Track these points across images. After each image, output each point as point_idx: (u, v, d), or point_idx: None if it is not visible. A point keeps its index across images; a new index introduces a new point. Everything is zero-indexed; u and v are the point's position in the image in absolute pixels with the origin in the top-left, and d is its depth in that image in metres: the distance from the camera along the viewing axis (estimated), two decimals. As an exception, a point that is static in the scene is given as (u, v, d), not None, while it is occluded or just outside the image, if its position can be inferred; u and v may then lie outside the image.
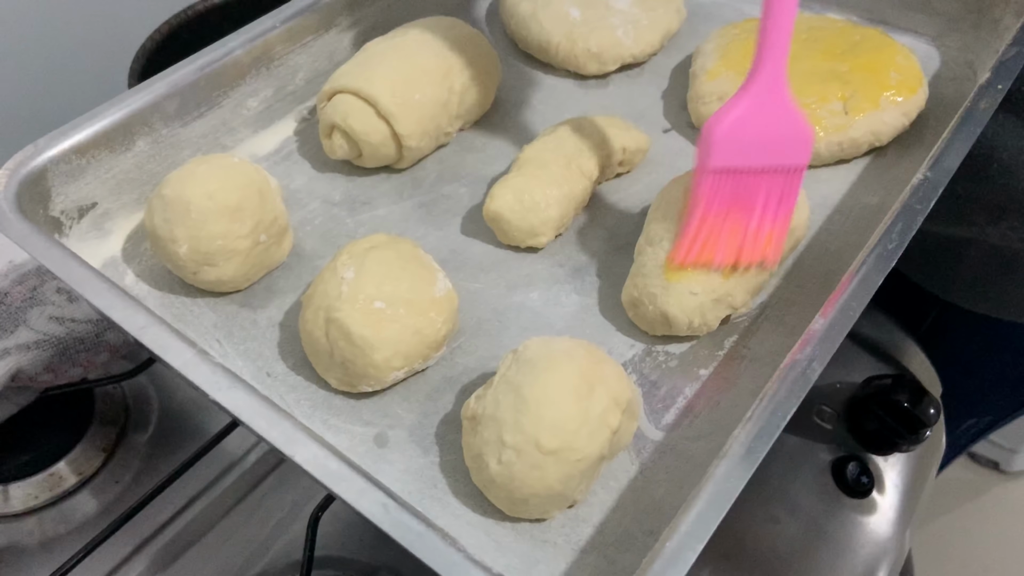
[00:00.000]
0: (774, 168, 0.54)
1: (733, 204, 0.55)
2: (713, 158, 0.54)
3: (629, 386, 0.51)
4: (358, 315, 0.53)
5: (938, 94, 0.73)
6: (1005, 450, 1.86)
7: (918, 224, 0.54)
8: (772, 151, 0.54)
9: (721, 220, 0.55)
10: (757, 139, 0.53)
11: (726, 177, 0.54)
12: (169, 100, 0.64)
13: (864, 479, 0.80)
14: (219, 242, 0.57)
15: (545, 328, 0.60)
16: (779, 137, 0.53)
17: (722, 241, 0.55)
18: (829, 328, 0.48)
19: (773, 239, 0.56)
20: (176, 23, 0.95)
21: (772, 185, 0.55)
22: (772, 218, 0.55)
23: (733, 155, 0.54)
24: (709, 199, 0.55)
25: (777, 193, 0.55)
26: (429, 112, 0.67)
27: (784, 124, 0.53)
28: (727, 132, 0.53)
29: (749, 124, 0.53)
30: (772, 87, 0.52)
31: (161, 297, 0.61)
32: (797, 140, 0.53)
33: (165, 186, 0.58)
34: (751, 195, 0.55)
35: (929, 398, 0.81)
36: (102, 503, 0.77)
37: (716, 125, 0.53)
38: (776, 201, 0.55)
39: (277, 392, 0.56)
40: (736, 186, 0.55)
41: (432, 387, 0.56)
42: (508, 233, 0.63)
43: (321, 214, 0.67)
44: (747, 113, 0.53)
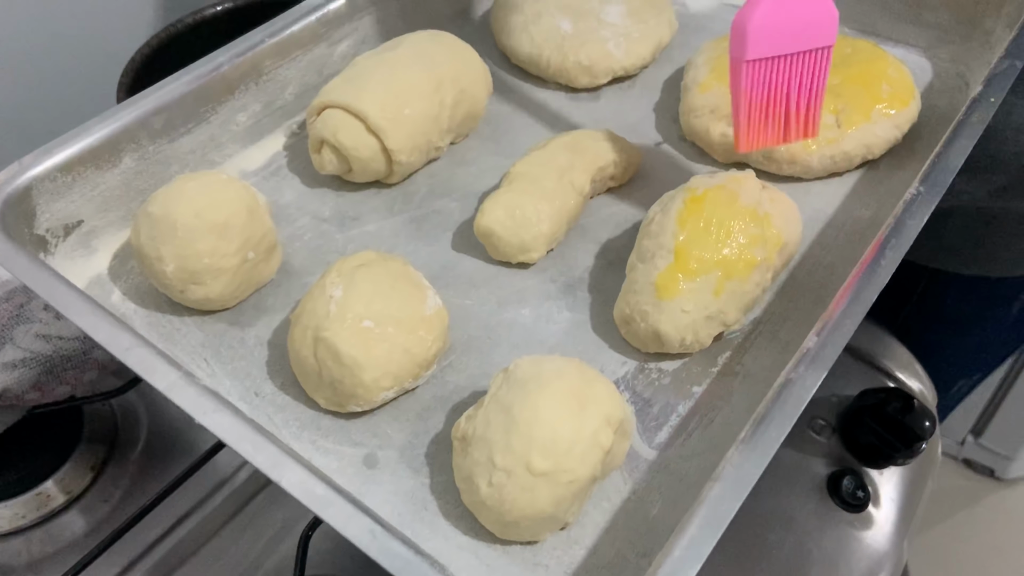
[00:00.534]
0: (805, 52, 0.57)
1: (772, 88, 0.58)
2: (748, 50, 0.56)
3: (622, 405, 0.50)
4: (346, 334, 0.52)
5: (930, 106, 0.73)
6: (1001, 457, 1.86)
7: (911, 239, 0.53)
8: (801, 36, 0.57)
9: (764, 104, 0.59)
10: (787, 26, 0.56)
11: (762, 66, 0.58)
12: (156, 116, 0.63)
13: (860, 493, 0.80)
14: (206, 260, 0.57)
15: (537, 345, 0.59)
16: (806, 22, 0.56)
17: (769, 123, 0.60)
18: (823, 346, 0.48)
19: (813, 115, 0.60)
20: (166, 36, 0.94)
21: (805, 68, 0.58)
22: (808, 96, 0.59)
23: (766, 45, 0.57)
24: (749, 89, 0.58)
25: (810, 73, 0.58)
26: (419, 127, 0.67)
27: (809, 8, 0.56)
28: (759, 23, 0.56)
29: (778, 12, 0.56)
30: None
31: (148, 316, 0.60)
32: (822, 22, 0.57)
33: (151, 204, 0.58)
34: (787, 79, 0.58)
35: (924, 411, 0.81)
36: (91, 522, 0.76)
37: (748, 17, 0.56)
38: (810, 79, 0.59)
39: (265, 412, 0.55)
40: (773, 73, 0.58)
41: (422, 406, 0.56)
42: (499, 249, 0.63)
43: (310, 230, 0.67)
44: (774, 7, 0.56)
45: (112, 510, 0.78)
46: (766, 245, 0.57)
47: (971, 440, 1.81)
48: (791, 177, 0.69)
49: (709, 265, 0.56)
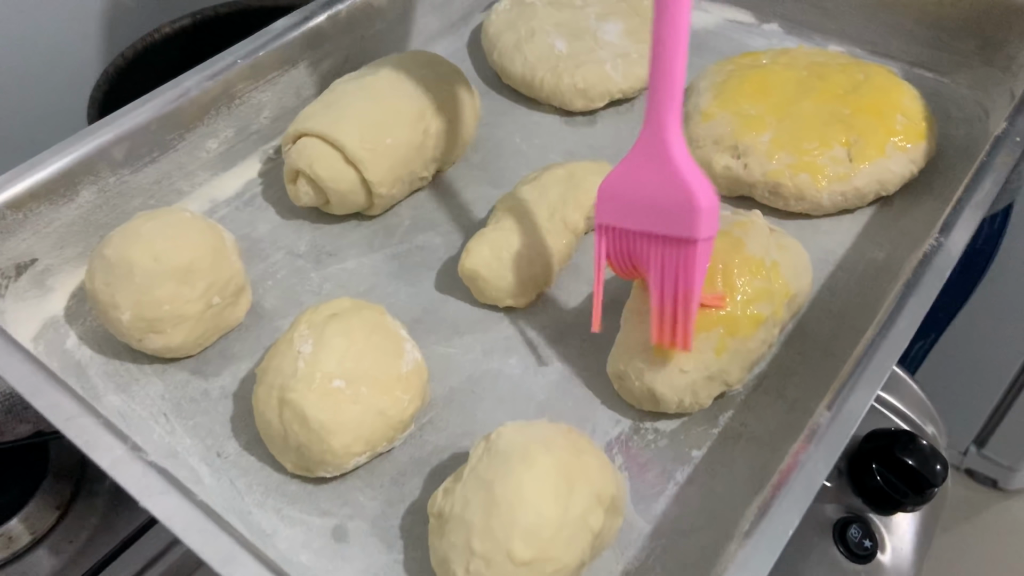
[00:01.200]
0: (662, 236, 0.48)
1: (630, 271, 0.52)
2: (596, 213, 0.51)
3: (614, 479, 0.46)
4: (314, 397, 0.48)
5: (947, 135, 0.69)
6: (1004, 468, 1.83)
7: (932, 299, 0.49)
8: (655, 215, 0.48)
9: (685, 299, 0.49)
10: (638, 199, 0.48)
11: (615, 239, 0.50)
12: (116, 146, 0.59)
13: (867, 543, 0.75)
14: (166, 307, 0.52)
15: (524, 401, 0.55)
16: (662, 199, 0.47)
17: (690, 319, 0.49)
18: (835, 423, 0.43)
19: (679, 322, 0.49)
20: (141, 47, 0.89)
21: (665, 257, 0.48)
22: (672, 296, 0.49)
23: (614, 213, 0.49)
24: (599, 261, 0.51)
25: (672, 268, 0.48)
26: (402, 157, 0.62)
27: (667, 185, 0.47)
28: (608, 186, 0.50)
29: (631, 180, 0.48)
30: (654, 141, 0.47)
31: (105, 363, 0.56)
32: (682, 206, 0.46)
33: (107, 245, 0.53)
34: (643, 263, 0.50)
35: (936, 455, 0.76)
36: (57, 564, 0.72)
37: (602, 182, 0.50)
38: (673, 277, 0.48)
39: (227, 476, 0.51)
40: (628, 251, 0.50)
41: (398, 470, 0.51)
42: (485, 292, 0.59)
43: (284, 267, 0.62)
44: (630, 168, 0.48)
45: (79, 552, 0.74)
46: (774, 299, 0.53)
47: (974, 451, 1.78)
48: (799, 214, 0.64)
49: (711, 321, 0.51)
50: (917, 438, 0.77)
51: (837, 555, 0.74)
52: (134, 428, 0.52)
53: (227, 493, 0.50)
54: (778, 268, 0.54)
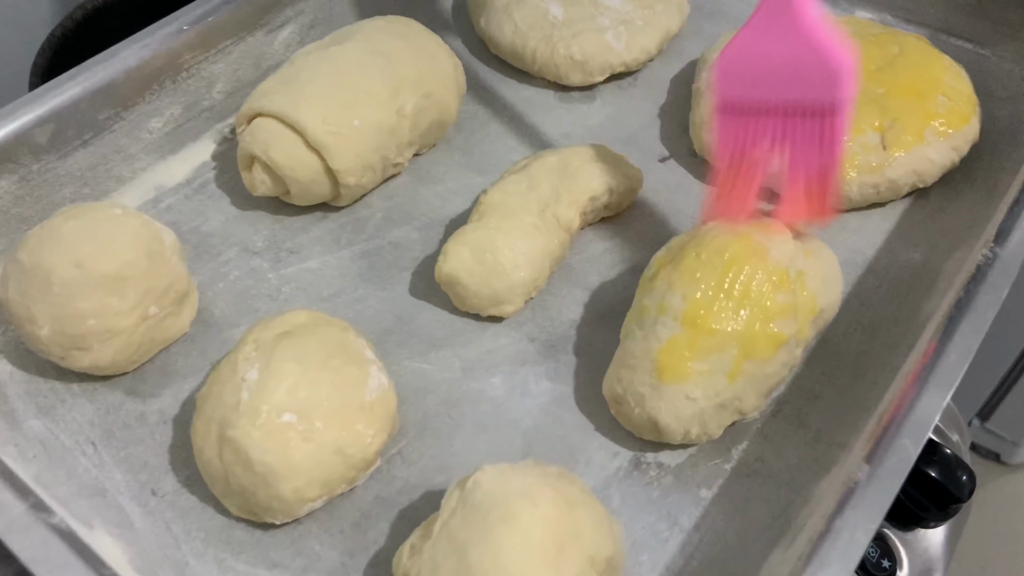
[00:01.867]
0: (799, 103, 0.44)
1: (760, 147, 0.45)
2: (718, 93, 0.45)
3: (611, 535, 0.39)
4: (259, 435, 0.40)
5: (990, 117, 0.61)
6: (1006, 442, 1.79)
7: (989, 321, 0.42)
8: (791, 82, 0.44)
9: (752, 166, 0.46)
10: (771, 67, 0.44)
11: (742, 115, 0.45)
12: (40, 128, 0.51)
13: (885, 563, 0.69)
14: (91, 322, 0.45)
15: (507, 428, 0.48)
16: (796, 66, 0.43)
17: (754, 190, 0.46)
18: (876, 479, 0.36)
19: (819, 193, 0.45)
20: (92, 7, 0.80)
21: (800, 128, 0.44)
22: (817, 162, 0.45)
23: (741, 87, 0.44)
24: (724, 142, 0.46)
25: (810, 139, 0.44)
26: (372, 142, 0.55)
27: (800, 46, 0.43)
28: (729, 57, 0.45)
29: (758, 49, 0.44)
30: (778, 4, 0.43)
31: (27, 381, 0.49)
32: (822, 67, 0.43)
33: (21, 248, 0.46)
34: (778, 135, 0.45)
35: (963, 467, 0.70)
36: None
37: (720, 55, 0.45)
38: (813, 149, 0.44)
39: (162, 518, 0.44)
40: (752, 131, 0.45)
41: (361, 512, 0.44)
42: (466, 300, 0.51)
43: (238, 266, 0.55)
44: (754, 36, 0.44)
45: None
46: (798, 315, 0.45)
47: (977, 424, 1.74)
48: (824, 208, 0.57)
49: (725, 340, 0.44)
50: (941, 447, 0.70)
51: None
52: (56, 460, 0.45)
53: (161, 539, 0.43)
54: (804, 279, 0.46)
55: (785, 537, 0.43)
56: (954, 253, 0.53)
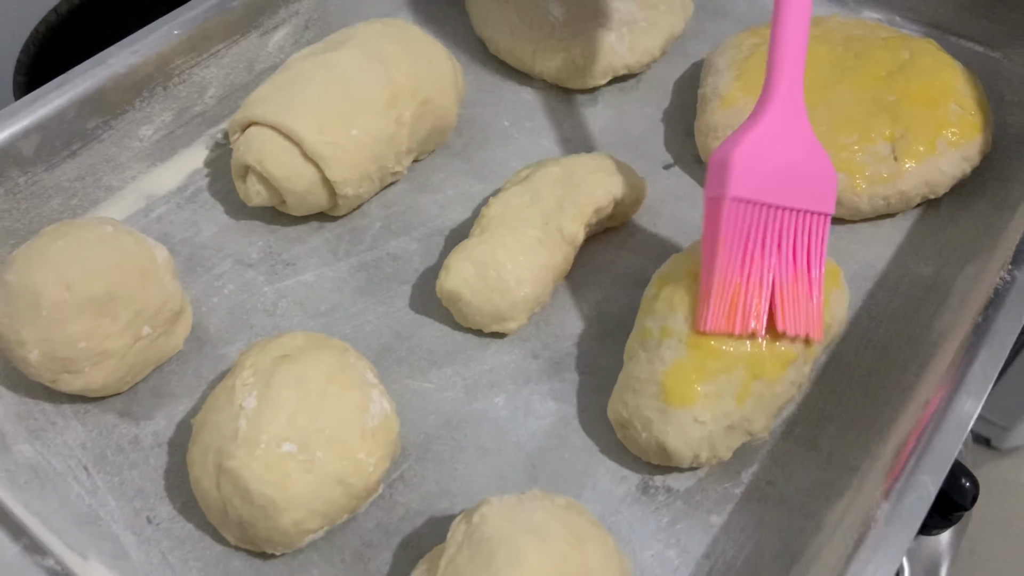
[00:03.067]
0: (797, 210, 0.44)
1: (755, 252, 0.43)
2: (732, 185, 0.43)
3: (620, 570, 0.38)
4: (258, 466, 0.39)
5: (1001, 123, 0.60)
6: (997, 427, 1.79)
7: (1008, 347, 0.41)
8: (794, 189, 0.44)
9: (744, 271, 0.43)
10: (777, 170, 0.43)
11: (744, 213, 0.43)
12: (24, 140, 0.49)
13: (887, 572, 0.69)
14: (82, 345, 0.44)
15: (511, 449, 0.47)
16: (800, 172, 0.44)
17: (750, 300, 0.43)
18: (896, 517, 0.35)
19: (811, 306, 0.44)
20: (77, 1, 0.78)
21: (798, 233, 0.44)
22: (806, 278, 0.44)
23: (753, 185, 0.43)
24: (729, 239, 0.43)
25: (804, 245, 0.44)
26: (370, 151, 0.53)
27: (805, 158, 0.44)
28: (746, 154, 0.43)
29: (768, 151, 0.44)
30: (789, 108, 0.44)
31: (16, 403, 0.47)
32: (820, 180, 0.45)
33: (8, 269, 0.44)
34: (774, 243, 0.44)
35: (965, 474, 0.69)
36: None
37: (733, 148, 0.43)
38: (805, 255, 0.44)
39: (158, 548, 0.42)
40: (757, 227, 0.43)
41: (362, 540, 0.43)
42: (468, 316, 0.50)
43: (232, 280, 0.53)
44: (766, 137, 0.43)
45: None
46: (807, 334, 0.44)
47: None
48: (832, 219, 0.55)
49: (732, 361, 0.43)
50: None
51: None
52: (48, 487, 0.44)
53: (158, 571, 0.42)
54: (813, 297, 0.45)
55: (797, 566, 0.42)
56: (965, 267, 0.52)
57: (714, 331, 0.43)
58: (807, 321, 0.43)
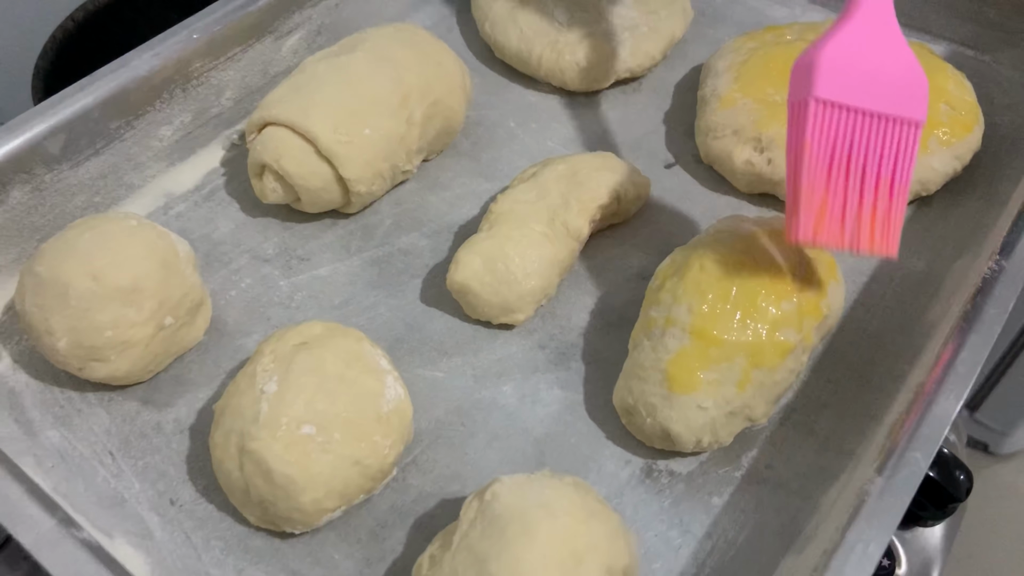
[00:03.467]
0: (886, 117, 0.42)
1: (847, 156, 0.42)
2: (817, 85, 0.41)
3: (626, 545, 0.40)
4: (279, 447, 0.41)
5: (991, 124, 0.62)
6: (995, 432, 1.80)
7: (996, 333, 0.42)
8: (883, 94, 0.42)
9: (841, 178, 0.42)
10: (865, 74, 0.42)
11: (831, 117, 0.42)
12: (51, 139, 0.51)
13: (885, 561, 0.71)
14: (108, 333, 0.45)
15: (519, 435, 0.48)
16: (891, 77, 0.42)
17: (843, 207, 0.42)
18: (888, 491, 0.37)
19: (891, 218, 0.43)
20: (93, 8, 0.80)
21: (886, 141, 0.42)
22: (888, 188, 0.43)
23: (839, 87, 0.42)
24: (815, 144, 0.41)
25: (892, 154, 0.42)
26: (382, 150, 0.55)
27: (896, 62, 0.43)
28: (833, 55, 0.42)
29: (856, 53, 0.42)
30: (879, 8, 0.43)
31: (43, 391, 0.49)
32: (911, 85, 0.42)
33: (38, 261, 0.46)
34: (863, 149, 0.42)
35: (960, 467, 0.71)
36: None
37: (819, 49, 0.42)
38: (891, 165, 0.43)
39: (182, 528, 0.44)
40: (844, 132, 0.42)
41: (377, 521, 0.45)
42: (477, 308, 0.52)
43: (249, 274, 0.55)
44: (853, 39, 0.42)
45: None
46: (803, 322, 0.46)
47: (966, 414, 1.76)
48: (828, 215, 0.57)
49: (733, 350, 0.45)
50: (940, 448, 0.71)
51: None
52: (75, 470, 0.46)
53: (181, 549, 0.43)
54: (807, 287, 0.47)
55: (795, 544, 0.44)
56: (957, 261, 0.54)
57: (805, 241, 0.42)
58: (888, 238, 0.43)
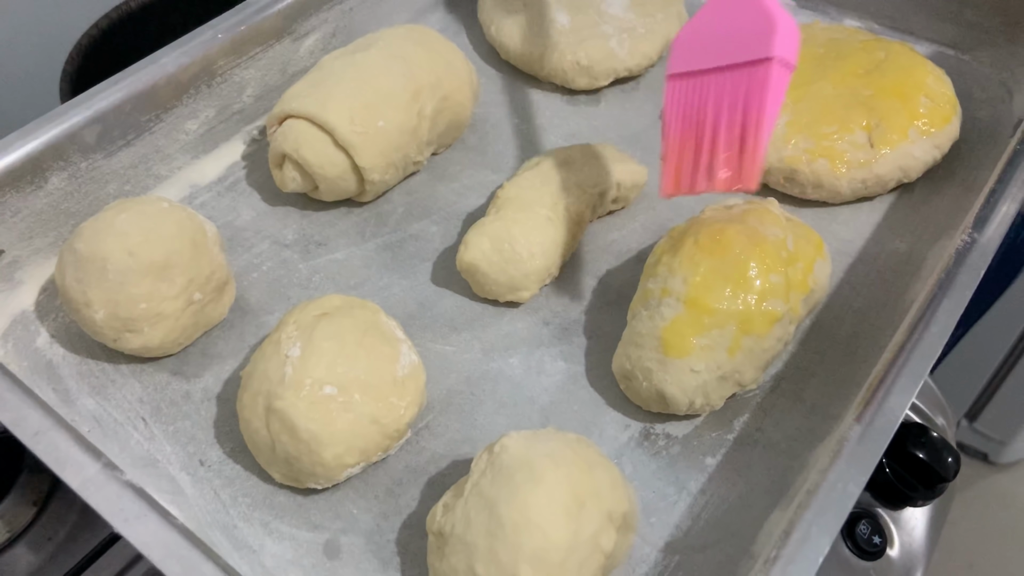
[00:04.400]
0: (734, 66, 0.46)
1: (698, 114, 0.47)
2: (670, 66, 0.49)
3: (626, 494, 0.43)
4: (304, 405, 0.44)
5: (970, 117, 0.65)
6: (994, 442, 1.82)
7: (967, 299, 0.46)
8: (730, 48, 0.46)
9: (693, 136, 0.47)
10: (716, 39, 0.47)
11: (685, 84, 0.48)
12: (88, 129, 0.55)
13: (876, 539, 0.73)
14: (143, 306, 0.49)
15: (526, 403, 0.51)
16: (741, 33, 0.46)
17: (696, 158, 0.47)
18: (866, 437, 0.40)
19: (751, 153, 0.45)
20: (116, 16, 0.84)
21: (739, 87, 0.45)
22: (743, 127, 0.45)
23: (690, 58, 0.48)
24: (671, 111, 0.48)
25: (745, 96, 0.45)
26: (395, 141, 0.58)
27: (747, 18, 0.46)
28: (684, 38, 0.48)
29: (709, 25, 0.48)
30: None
31: (79, 363, 0.52)
32: (762, 31, 0.45)
33: (78, 238, 0.49)
34: (714, 99, 0.46)
35: (948, 449, 0.74)
36: (35, 561, 0.69)
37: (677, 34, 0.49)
38: (743, 102, 0.45)
39: (211, 486, 0.47)
40: (696, 92, 0.47)
41: (393, 479, 0.48)
42: (485, 287, 0.55)
43: (270, 258, 0.58)
44: (706, 17, 0.48)
45: (58, 549, 0.71)
46: (790, 294, 0.50)
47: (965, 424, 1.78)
48: (815, 201, 0.61)
49: (724, 318, 0.48)
50: (928, 431, 0.74)
51: (846, 552, 0.72)
52: (110, 434, 0.49)
53: (211, 505, 0.47)
54: (795, 261, 0.50)
55: (784, 498, 0.46)
56: (936, 242, 0.57)
57: (672, 195, 0.47)
58: (744, 170, 0.44)
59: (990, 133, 0.64)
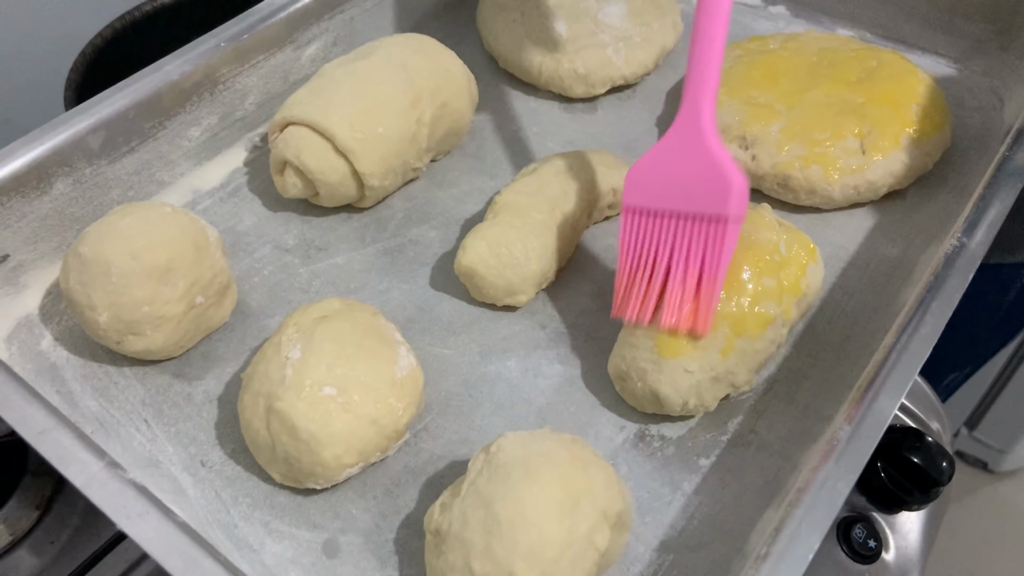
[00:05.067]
0: (691, 215, 0.49)
1: (652, 252, 0.50)
2: (625, 195, 0.50)
3: (620, 493, 0.44)
4: (303, 406, 0.45)
5: (962, 125, 0.66)
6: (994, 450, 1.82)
7: (955, 303, 0.47)
8: (687, 195, 0.49)
9: (646, 272, 0.50)
10: (672, 181, 0.49)
11: (641, 219, 0.50)
12: (92, 135, 0.56)
13: (871, 543, 0.74)
14: (145, 309, 0.50)
15: (523, 405, 0.52)
16: (695, 180, 0.48)
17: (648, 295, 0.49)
18: (856, 437, 0.41)
19: (701, 302, 0.48)
20: (120, 26, 0.86)
21: (692, 235, 0.48)
22: (697, 277, 0.48)
23: (646, 195, 0.50)
24: (626, 243, 0.50)
25: (700, 247, 0.48)
26: (394, 147, 0.59)
27: (701, 167, 0.48)
28: (639, 169, 0.50)
29: (665, 163, 0.49)
30: (690, 124, 0.48)
31: (82, 366, 0.53)
32: (720, 186, 0.48)
33: (82, 242, 0.50)
34: (668, 243, 0.49)
35: (942, 453, 0.75)
36: (38, 565, 0.70)
37: (633, 166, 0.51)
38: (699, 257, 0.48)
39: (212, 487, 0.48)
40: (652, 231, 0.50)
41: (392, 480, 0.49)
42: (483, 290, 0.56)
43: (271, 262, 0.59)
44: (662, 153, 0.50)
45: (61, 552, 0.71)
46: (782, 297, 0.50)
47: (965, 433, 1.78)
48: (808, 207, 0.62)
49: (717, 320, 0.49)
50: (923, 436, 0.75)
51: (841, 556, 0.72)
52: (112, 435, 0.50)
53: (212, 505, 0.47)
54: (787, 265, 0.51)
55: (776, 498, 0.47)
56: (928, 248, 0.58)
57: (618, 316, 0.50)
58: (694, 316, 0.48)
59: (981, 140, 0.65)
